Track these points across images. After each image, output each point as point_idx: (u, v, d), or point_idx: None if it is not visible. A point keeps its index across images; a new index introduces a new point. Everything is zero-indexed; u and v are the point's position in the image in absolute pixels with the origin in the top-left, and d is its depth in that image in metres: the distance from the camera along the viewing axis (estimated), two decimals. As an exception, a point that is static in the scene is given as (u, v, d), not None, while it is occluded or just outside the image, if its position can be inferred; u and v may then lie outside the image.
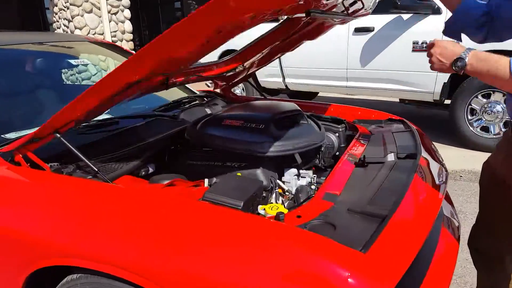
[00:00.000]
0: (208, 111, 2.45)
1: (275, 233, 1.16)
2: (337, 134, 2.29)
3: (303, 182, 1.95)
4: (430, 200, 1.55)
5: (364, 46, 5.09)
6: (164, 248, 1.17)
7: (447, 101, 4.87)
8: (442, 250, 1.64)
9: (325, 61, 5.44)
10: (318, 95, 7.29)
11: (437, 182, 1.74)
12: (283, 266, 1.06)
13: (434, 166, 1.90)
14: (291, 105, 2.10)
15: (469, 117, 4.55)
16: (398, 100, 5.52)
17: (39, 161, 1.58)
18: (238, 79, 2.71)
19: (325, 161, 2.12)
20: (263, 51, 2.29)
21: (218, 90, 2.92)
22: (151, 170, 1.82)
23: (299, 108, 2.07)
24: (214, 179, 1.84)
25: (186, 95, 2.68)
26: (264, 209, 1.46)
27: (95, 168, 1.51)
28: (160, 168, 1.95)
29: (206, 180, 1.80)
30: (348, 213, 1.37)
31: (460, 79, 4.55)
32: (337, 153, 2.26)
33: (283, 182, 1.93)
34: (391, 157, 1.92)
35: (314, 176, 1.95)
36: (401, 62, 4.86)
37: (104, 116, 2.16)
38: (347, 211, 1.38)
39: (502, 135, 1.72)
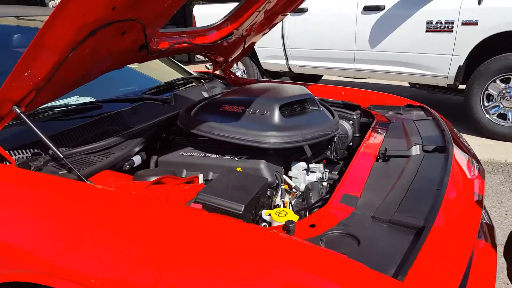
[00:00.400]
0: (205, 94, 2.18)
1: (284, 253, 0.90)
2: (351, 122, 2.02)
3: (313, 177, 1.69)
4: (471, 204, 1.29)
5: (374, 26, 4.78)
6: (142, 268, 0.92)
7: (461, 86, 4.59)
8: (479, 261, 1.39)
9: (331, 42, 5.13)
10: (323, 78, 6.99)
11: (473, 180, 1.48)
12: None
13: (467, 161, 1.64)
14: (299, 89, 1.83)
15: (486, 104, 4.27)
16: (408, 84, 5.22)
17: (3, 152, 1.32)
18: (236, 52, 2.42)
19: (338, 153, 1.85)
20: (259, 9, 1.98)
21: (218, 73, 2.63)
22: (137, 162, 1.55)
23: (309, 92, 1.79)
24: (211, 174, 1.59)
25: (181, 76, 2.40)
26: (270, 215, 1.20)
27: (67, 162, 1.25)
28: (150, 158, 1.69)
29: (201, 176, 1.54)
30: (373, 222, 1.12)
31: (476, 62, 4.25)
32: (351, 144, 1.99)
33: (290, 178, 1.67)
34: (416, 150, 1.66)
35: (326, 171, 1.69)
36: (414, 43, 4.56)
37: (85, 100, 1.90)
38: (372, 219, 1.13)
39: None
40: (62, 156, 1.24)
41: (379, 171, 1.48)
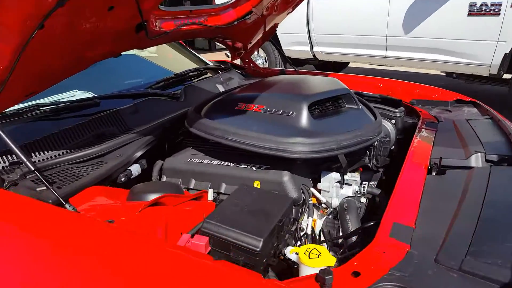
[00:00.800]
0: (221, 88, 1.89)
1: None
2: (393, 122, 1.70)
3: (348, 191, 1.40)
4: None
5: (409, 10, 4.36)
6: None
7: (506, 76, 4.14)
8: None
9: (361, 27, 4.73)
10: (349, 65, 6.58)
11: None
12: None
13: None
14: (332, 82, 1.52)
15: (535, 95, 3.83)
16: (444, 74, 4.78)
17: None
18: (256, 36, 2.11)
19: (378, 160, 1.55)
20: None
21: (238, 62, 2.34)
22: (135, 173, 1.29)
23: (344, 85, 1.48)
24: (223, 186, 1.31)
25: (196, 66, 2.12)
26: (297, 255, 0.92)
27: (41, 177, 1.00)
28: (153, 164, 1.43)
29: (210, 192, 1.27)
30: (437, 269, 0.83)
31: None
32: (392, 147, 1.68)
33: (319, 191, 1.38)
34: (477, 160, 1.35)
35: (365, 184, 1.39)
36: (453, 28, 4.13)
37: (84, 95, 1.65)
38: (435, 263, 0.84)
39: None
40: (33, 169, 0.99)
41: (435, 188, 1.17)
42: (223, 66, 2.16)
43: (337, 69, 6.26)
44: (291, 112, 1.28)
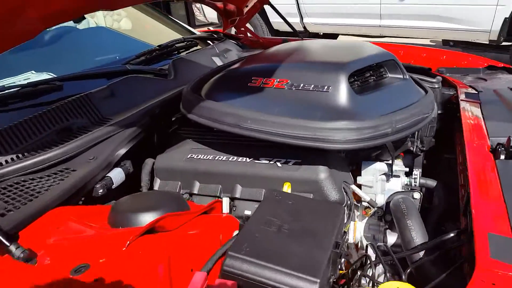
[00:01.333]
0: (218, 61, 1.53)
1: None
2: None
3: (396, 185, 1.09)
4: None
5: (404, -26, 4.04)
6: None
7: (505, 43, 3.90)
8: None
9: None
10: (339, 38, 6.22)
11: None
12: None
13: None
14: (367, 45, 1.18)
15: (540, 61, 3.60)
16: (441, 42, 4.52)
17: None
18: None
19: (423, 142, 1.24)
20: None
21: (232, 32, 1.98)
22: (117, 181, 0.94)
23: (385, 50, 1.15)
24: (238, 189, 0.98)
25: (181, 36, 1.73)
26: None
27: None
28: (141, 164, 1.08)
29: (226, 202, 0.94)
30: None
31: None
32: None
33: (359, 187, 1.07)
34: None
35: (416, 175, 1.09)
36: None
37: (42, 77, 1.26)
38: None
39: None
40: None
41: None
42: (216, 36, 1.78)
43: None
44: (326, 87, 0.94)
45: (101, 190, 0.88)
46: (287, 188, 0.90)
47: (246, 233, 0.69)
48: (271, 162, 0.97)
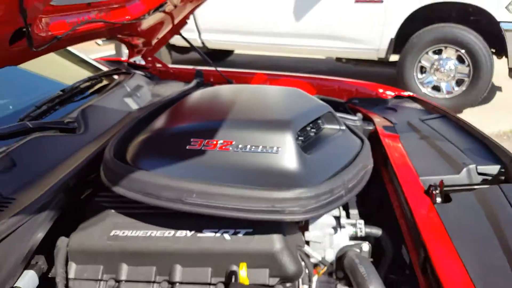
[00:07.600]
0: (132, 103, 1.35)
1: None
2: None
3: (344, 237, 1.06)
4: None
5: (298, -3, 4.22)
6: None
7: (392, 58, 4.33)
8: None
9: (251, 14, 4.45)
10: (234, 52, 6.26)
11: None
12: None
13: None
14: (300, 94, 1.14)
15: (419, 76, 4.06)
16: (335, 59, 4.82)
17: None
18: (163, 31, 1.61)
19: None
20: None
21: (137, 61, 1.80)
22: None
23: (316, 98, 1.11)
24: (177, 274, 0.85)
25: (88, 74, 1.49)
26: None
27: None
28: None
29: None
30: None
31: (407, 34, 3.99)
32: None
33: (308, 243, 1.01)
34: (469, 174, 1.16)
35: (360, 223, 1.07)
36: (341, 15, 4.15)
37: None
38: None
39: None
40: None
41: (455, 224, 0.92)
42: (124, 71, 1.59)
43: (221, 57, 5.90)
44: (275, 148, 0.86)
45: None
46: (244, 270, 0.80)
47: None
48: (217, 235, 0.86)
